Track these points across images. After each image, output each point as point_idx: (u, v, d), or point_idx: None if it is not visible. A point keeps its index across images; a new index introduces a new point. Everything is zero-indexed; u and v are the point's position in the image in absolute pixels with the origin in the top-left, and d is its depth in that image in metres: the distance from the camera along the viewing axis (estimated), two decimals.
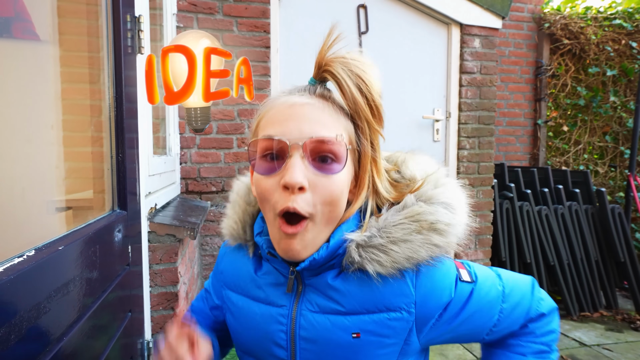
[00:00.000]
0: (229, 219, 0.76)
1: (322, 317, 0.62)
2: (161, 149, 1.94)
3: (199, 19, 2.21)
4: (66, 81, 1.03)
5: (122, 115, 1.00)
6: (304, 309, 0.63)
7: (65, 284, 0.59)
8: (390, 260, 0.59)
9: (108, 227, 0.85)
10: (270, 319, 0.65)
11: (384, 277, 0.60)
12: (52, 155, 1.00)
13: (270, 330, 0.65)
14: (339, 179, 0.59)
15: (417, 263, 0.61)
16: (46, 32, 0.99)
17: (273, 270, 0.68)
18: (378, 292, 0.61)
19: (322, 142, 0.57)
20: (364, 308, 0.61)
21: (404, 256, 0.59)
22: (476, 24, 2.65)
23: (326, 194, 0.58)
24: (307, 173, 0.57)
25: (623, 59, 4.04)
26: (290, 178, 0.56)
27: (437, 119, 2.72)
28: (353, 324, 0.61)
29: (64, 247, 0.59)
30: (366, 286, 0.61)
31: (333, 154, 0.58)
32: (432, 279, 0.62)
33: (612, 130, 4.13)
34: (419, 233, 0.60)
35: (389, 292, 0.61)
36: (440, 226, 0.60)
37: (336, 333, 0.61)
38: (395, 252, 0.59)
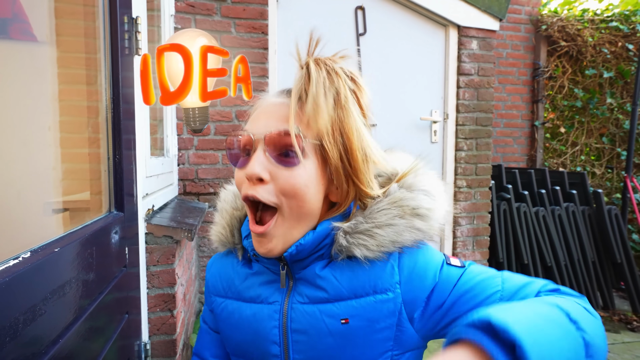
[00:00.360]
0: (217, 226, 0.78)
1: (312, 307, 0.64)
2: (159, 150, 1.94)
3: (197, 20, 2.21)
4: (63, 82, 1.03)
5: (119, 116, 1.00)
6: (295, 302, 0.65)
7: (61, 286, 0.59)
8: (376, 244, 0.61)
9: (105, 228, 0.85)
10: (264, 317, 0.67)
11: (371, 261, 0.63)
12: (49, 157, 0.99)
13: (264, 328, 0.66)
14: (301, 172, 0.60)
15: (401, 246, 0.63)
16: (44, 33, 0.99)
17: (263, 269, 0.69)
18: (365, 276, 0.63)
19: (280, 135, 0.59)
20: (352, 293, 0.63)
21: (389, 239, 0.62)
22: (474, 25, 2.66)
23: (287, 185, 0.60)
24: (269, 165, 0.60)
25: (619, 61, 4.06)
26: (249, 169, 0.60)
27: (435, 121, 2.72)
28: (341, 310, 0.63)
29: (60, 249, 0.59)
30: (354, 272, 0.63)
31: (292, 147, 0.59)
32: (415, 260, 0.65)
33: (609, 132, 4.15)
34: (402, 218, 0.63)
35: (375, 275, 0.63)
36: (421, 211, 0.63)
37: (325, 321, 0.63)
38: (380, 236, 0.62)
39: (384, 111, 2.64)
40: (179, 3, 2.17)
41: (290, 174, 0.60)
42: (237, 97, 2.29)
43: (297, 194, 0.60)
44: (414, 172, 0.68)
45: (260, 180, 0.60)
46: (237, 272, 0.73)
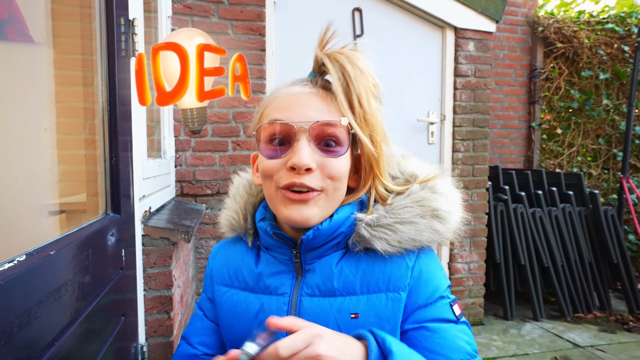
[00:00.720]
0: (228, 210, 0.78)
1: (322, 300, 0.64)
2: (156, 151, 1.94)
3: (194, 21, 2.21)
4: (60, 84, 1.03)
5: (115, 118, 0.99)
6: (304, 294, 0.66)
7: (57, 289, 0.59)
8: (398, 239, 0.63)
9: (101, 231, 0.84)
10: (272, 308, 0.67)
11: (388, 258, 0.64)
12: (46, 158, 0.99)
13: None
14: (343, 161, 0.64)
15: (419, 246, 0.65)
16: (40, 35, 0.99)
17: (272, 259, 0.70)
18: (380, 272, 0.64)
19: (327, 126, 0.62)
20: (365, 288, 0.64)
21: (410, 236, 0.64)
22: (470, 27, 2.67)
23: (334, 171, 0.63)
24: (314, 155, 0.62)
25: (615, 62, 4.08)
26: (299, 160, 0.60)
27: (432, 122, 2.73)
28: (352, 304, 0.63)
29: (56, 252, 0.58)
30: (369, 266, 0.65)
31: (336, 137, 0.63)
32: (426, 267, 0.66)
33: (605, 133, 4.17)
34: (423, 217, 0.65)
35: (390, 272, 0.65)
36: (441, 213, 0.65)
37: (335, 315, 0.63)
38: (402, 232, 0.63)
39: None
40: (176, 4, 2.17)
41: (336, 161, 0.63)
42: (234, 99, 2.29)
43: (341, 178, 0.64)
44: (434, 176, 0.70)
45: (308, 170, 0.61)
46: (245, 261, 0.72)
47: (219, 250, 0.80)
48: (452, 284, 2.80)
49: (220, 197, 2.31)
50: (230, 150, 2.30)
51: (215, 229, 2.31)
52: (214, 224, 2.31)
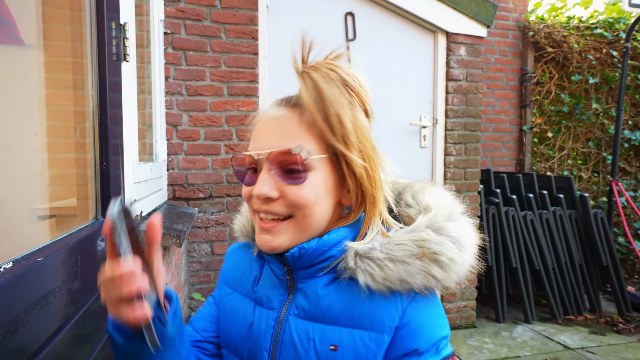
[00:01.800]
0: (241, 216, 0.79)
1: (306, 323, 0.62)
2: (148, 155, 1.93)
3: (187, 25, 2.21)
4: (51, 87, 1.02)
5: (106, 121, 0.99)
6: (291, 313, 0.64)
7: (44, 296, 0.58)
8: (383, 277, 0.58)
9: (91, 236, 0.84)
10: (262, 321, 0.66)
11: (374, 294, 0.59)
12: (36, 162, 0.98)
13: (259, 332, 0.66)
14: (309, 186, 0.60)
15: (410, 289, 0.59)
16: (31, 37, 0.98)
17: (270, 272, 0.69)
18: (366, 307, 0.60)
19: (283, 154, 0.59)
20: (348, 320, 0.60)
21: (398, 276, 0.58)
22: (462, 32, 2.70)
23: (297, 199, 0.59)
24: (276, 184, 0.60)
25: (604, 67, 4.14)
26: (257, 191, 0.60)
27: (424, 126, 2.75)
28: (334, 335, 0.60)
29: (44, 259, 0.58)
30: (356, 299, 0.60)
31: (297, 164, 0.59)
32: (419, 316, 0.60)
33: (594, 137, 4.22)
34: (419, 259, 0.59)
35: (377, 310, 0.60)
36: (442, 259, 0.59)
37: (315, 341, 0.61)
38: (389, 270, 0.58)
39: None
40: (169, 8, 2.17)
41: (298, 189, 0.59)
42: (226, 102, 2.28)
43: (307, 206, 0.60)
44: (447, 214, 0.64)
45: (269, 199, 0.60)
46: (252, 269, 0.72)
47: (234, 252, 0.80)
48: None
49: (212, 200, 2.30)
50: (222, 154, 2.30)
51: (208, 232, 2.30)
52: (206, 227, 2.30)
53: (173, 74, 2.20)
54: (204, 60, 2.24)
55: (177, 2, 2.18)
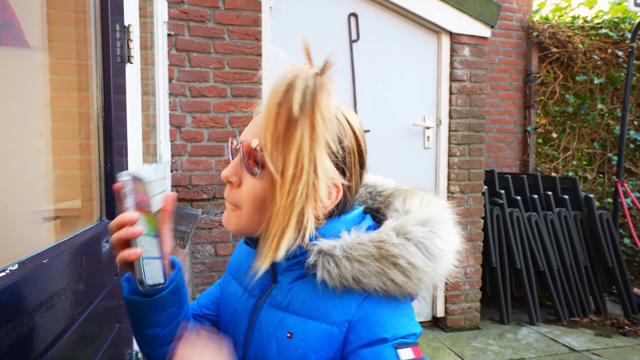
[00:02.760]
0: None
1: (275, 311, 0.65)
2: (152, 156, 1.93)
3: (190, 27, 2.21)
4: (55, 89, 1.03)
5: (110, 123, 0.99)
6: (267, 302, 0.67)
7: (49, 298, 0.58)
8: (337, 274, 0.59)
9: (95, 238, 0.84)
10: (244, 306, 0.70)
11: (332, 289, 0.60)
12: (41, 164, 0.99)
13: (241, 316, 0.70)
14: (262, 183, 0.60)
15: (365, 288, 0.58)
16: (35, 40, 0.99)
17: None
18: (323, 301, 0.61)
19: (247, 146, 0.61)
20: (305, 311, 0.62)
21: (352, 275, 0.58)
22: (466, 32, 2.69)
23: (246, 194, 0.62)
24: (242, 173, 0.63)
25: (609, 67, 4.12)
26: (223, 172, 0.64)
27: (428, 127, 2.74)
28: (292, 324, 0.62)
29: (49, 261, 0.58)
30: (316, 292, 0.62)
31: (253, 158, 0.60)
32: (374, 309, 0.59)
33: (600, 137, 4.19)
34: (377, 260, 0.58)
35: (332, 303, 0.60)
36: (401, 262, 0.57)
37: (277, 329, 0.63)
38: (344, 268, 0.58)
39: (377, 117, 2.65)
40: (172, 10, 2.18)
41: (252, 182, 0.61)
42: (230, 103, 2.29)
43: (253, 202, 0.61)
44: (422, 219, 0.61)
45: (230, 183, 0.64)
46: (248, 259, 0.76)
47: (241, 243, 0.84)
48: (449, 288, 2.81)
49: (216, 201, 2.30)
50: (226, 155, 2.30)
51: (212, 233, 2.30)
52: (209, 229, 2.30)
53: (177, 75, 2.21)
54: (207, 61, 2.25)
55: (181, 4, 2.19)
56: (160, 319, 0.66)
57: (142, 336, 0.68)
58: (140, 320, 0.66)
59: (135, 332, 0.69)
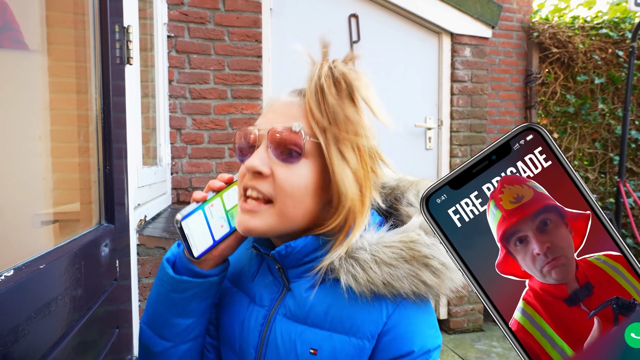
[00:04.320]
0: None
1: (291, 324, 0.61)
2: (152, 159, 1.92)
3: (190, 28, 2.20)
4: (54, 91, 1.02)
5: (109, 125, 0.98)
6: (280, 313, 0.63)
7: (46, 304, 0.57)
8: (366, 279, 0.55)
9: (94, 242, 0.83)
10: (252, 318, 0.65)
11: (358, 297, 0.56)
12: (40, 167, 0.98)
13: (249, 329, 0.65)
14: (301, 172, 0.58)
15: (396, 293, 0.56)
16: (35, 42, 0.98)
17: (267, 269, 0.68)
18: (348, 311, 0.57)
19: (282, 132, 0.57)
20: (329, 323, 0.58)
21: (382, 279, 0.55)
22: (466, 33, 2.68)
23: (286, 183, 0.57)
24: (271, 162, 0.58)
25: (610, 67, 4.10)
26: (250, 162, 0.58)
27: (429, 127, 2.72)
28: (315, 338, 0.59)
29: (46, 266, 0.57)
30: (339, 301, 0.58)
31: (295, 145, 0.57)
32: (408, 321, 0.56)
33: (601, 137, 4.18)
34: (408, 262, 0.55)
35: (360, 315, 0.57)
36: (434, 263, 0.55)
37: (297, 343, 0.59)
38: (372, 273, 0.55)
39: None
40: (172, 11, 2.17)
41: (290, 172, 0.57)
42: (230, 105, 2.28)
43: (294, 193, 0.57)
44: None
45: (260, 174, 0.58)
46: (251, 264, 0.71)
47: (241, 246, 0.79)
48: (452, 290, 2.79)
49: None
50: (227, 157, 2.29)
51: None
52: None
53: (177, 77, 2.20)
54: (207, 63, 2.23)
55: (181, 6, 2.18)
56: (199, 309, 0.64)
57: (171, 327, 0.64)
58: (177, 305, 0.62)
59: (163, 323, 0.64)
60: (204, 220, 0.63)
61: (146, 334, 0.67)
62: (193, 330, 0.66)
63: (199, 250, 0.62)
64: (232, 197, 0.67)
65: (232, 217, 0.66)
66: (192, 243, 0.61)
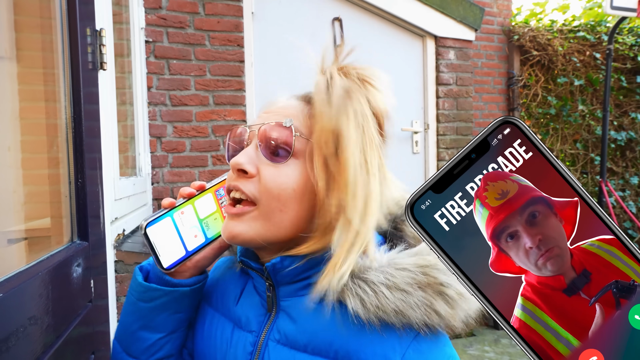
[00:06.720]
0: None
1: (287, 350, 0.54)
2: (130, 169, 1.84)
3: (169, 33, 2.14)
4: (25, 99, 0.96)
5: (81, 134, 0.91)
6: (272, 338, 0.56)
7: (12, 332, 0.50)
8: (375, 304, 0.49)
9: (65, 262, 0.76)
10: (239, 344, 0.59)
11: (364, 325, 0.50)
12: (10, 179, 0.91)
13: (237, 357, 0.59)
14: (288, 172, 0.54)
15: (407, 323, 0.49)
16: (3, 48, 0.92)
17: (252, 289, 0.62)
18: (356, 341, 0.51)
19: (272, 128, 0.54)
20: (332, 351, 0.52)
21: (393, 307, 0.49)
22: (450, 36, 2.68)
23: (269, 183, 0.53)
24: (257, 160, 0.55)
25: (588, 69, 4.19)
26: (234, 159, 0.55)
27: (416, 131, 2.71)
28: None
29: (4, 295, 0.50)
30: (345, 328, 0.51)
31: (283, 141, 0.54)
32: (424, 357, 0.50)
33: (582, 138, 4.25)
34: (422, 289, 0.49)
35: (369, 348, 0.50)
36: (450, 292, 0.49)
37: None
38: (384, 298, 0.49)
39: None
40: (150, 16, 2.10)
41: (277, 171, 0.53)
42: (212, 112, 2.21)
43: (280, 195, 0.53)
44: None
45: (244, 173, 0.54)
46: (235, 285, 0.65)
47: (219, 267, 0.72)
48: None
49: None
50: (210, 166, 2.22)
51: None
52: None
53: (156, 83, 2.12)
54: (188, 68, 2.17)
55: (159, 10, 2.11)
56: (168, 323, 0.60)
57: (137, 341, 0.61)
58: (144, 317, 0.59)
59: (130, 336, 0.61)
60: (173, 228, 0.59)
61: (115, 349, 0.63)
62: (161, 349, 0.61)
63: (169, 260, 0.58)
64: (206, 205, 0.64)
65: (208, 227, 0.62)
66: (161, 252, 0.57)
